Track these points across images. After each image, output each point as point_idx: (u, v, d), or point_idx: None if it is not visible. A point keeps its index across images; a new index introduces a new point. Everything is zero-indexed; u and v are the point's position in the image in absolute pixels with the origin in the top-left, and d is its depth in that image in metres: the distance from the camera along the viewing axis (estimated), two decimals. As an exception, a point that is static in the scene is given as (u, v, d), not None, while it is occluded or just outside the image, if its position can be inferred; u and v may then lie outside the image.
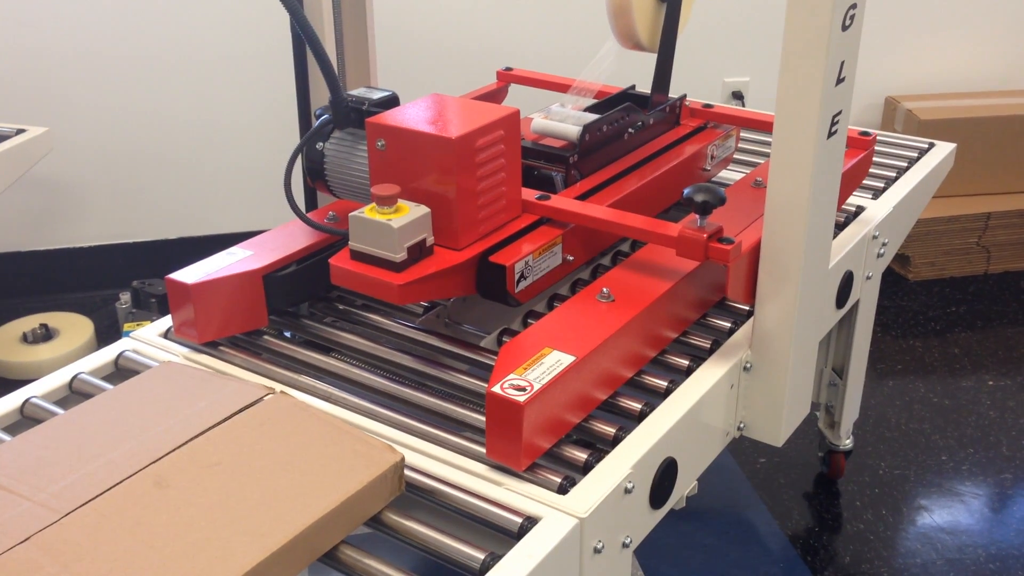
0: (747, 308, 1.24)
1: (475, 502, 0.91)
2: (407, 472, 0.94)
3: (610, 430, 1.01)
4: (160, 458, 0.90)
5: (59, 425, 0.96)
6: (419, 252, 1.08)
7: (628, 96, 1.48)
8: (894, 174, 1.61)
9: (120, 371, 1.16)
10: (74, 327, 2.31)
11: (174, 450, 0.91)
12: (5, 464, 0.90)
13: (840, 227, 1.41)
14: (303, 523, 0.82)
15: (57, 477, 0.87)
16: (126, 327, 2.24)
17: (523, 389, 0.91)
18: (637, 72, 1.62)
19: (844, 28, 0.99)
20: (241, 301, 1.16)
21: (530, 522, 0.88)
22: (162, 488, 0.86)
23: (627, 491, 0.94)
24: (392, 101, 1.22)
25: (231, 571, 0.77)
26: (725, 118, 1.52)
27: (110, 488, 0.86)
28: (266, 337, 1.20)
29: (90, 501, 0.85)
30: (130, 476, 0.87)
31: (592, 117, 1.33)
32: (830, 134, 1.05)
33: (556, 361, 0.96)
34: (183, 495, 0.85)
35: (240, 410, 0.97)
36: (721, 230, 1.09)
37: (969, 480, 1.87)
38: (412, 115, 1.13)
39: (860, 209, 1.48)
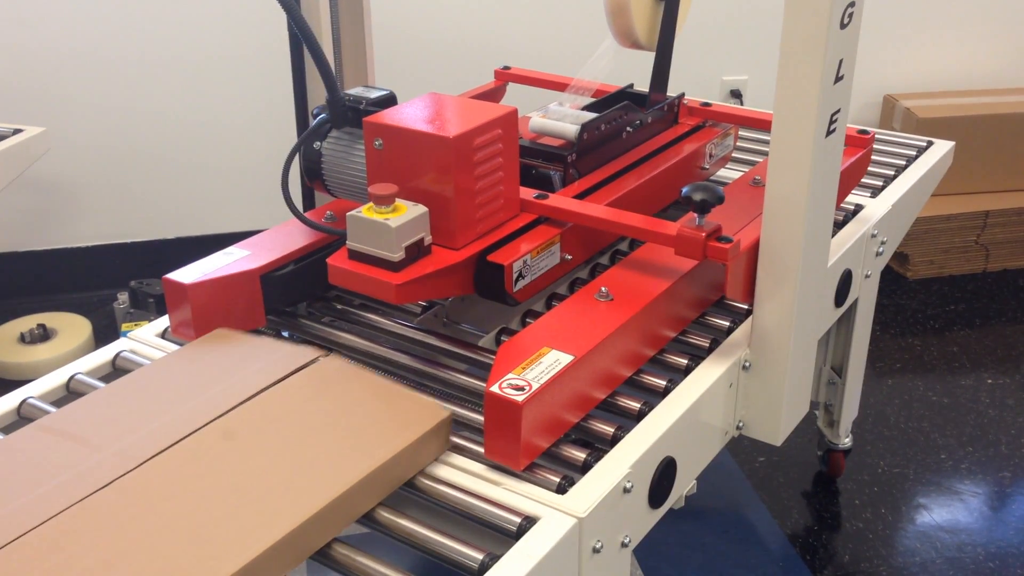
0: (746, 307, 1.23)
1: (473, 502, 0.90)
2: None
3: (609, 429, 1.00)
4: (224, 413, 0.96)
5: (122, 387, 1.02)
6: (417, 251, 1.08)
7: (626, 95, 1.48)
8: (892, 172, 1.61)
9: (118, 371, 1.16)
10: (72, 327, 2.31)
11: (237, 406, 0.97)
12: (77, 421, 0.96)
13: (839, 226, 1.41)
14: (364, 470, 0.88)
15: (129, 431, 0.93)
16: (124, 327, 2.24)
17: (521, 389, 0.91)
18: (635, 71, 1.62)
19: (843, 26, 0.99)
20: (238, 301, 1.16)
21: (529, 522, 0.88)
22: (229, 440, 0.92)
23: (626, 490, 0.94)
24: (389, 100, 1.22)
25: (301, 513, 0.82)
26: (723, 116, 1.52)
27: (181, 440, 0.92)
28: (264, 337, 1.19)
29: (164, 451, 0.91)
30: (198, 429, 0.94)
31: (590, 116, 1.33)
32: (828, 132, 1.04)
33: (555, 360, 0.96)
34: (249, 446, 0.91)
35: (295, 371, 1.03)
36: (720, 229, 1.08)
37: (968, 478, 1.87)
38: (410, 114, 1.13)
39: (859, 207, 1.47)
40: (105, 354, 1.17)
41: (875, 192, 1.54)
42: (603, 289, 1.09)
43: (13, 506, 0.84)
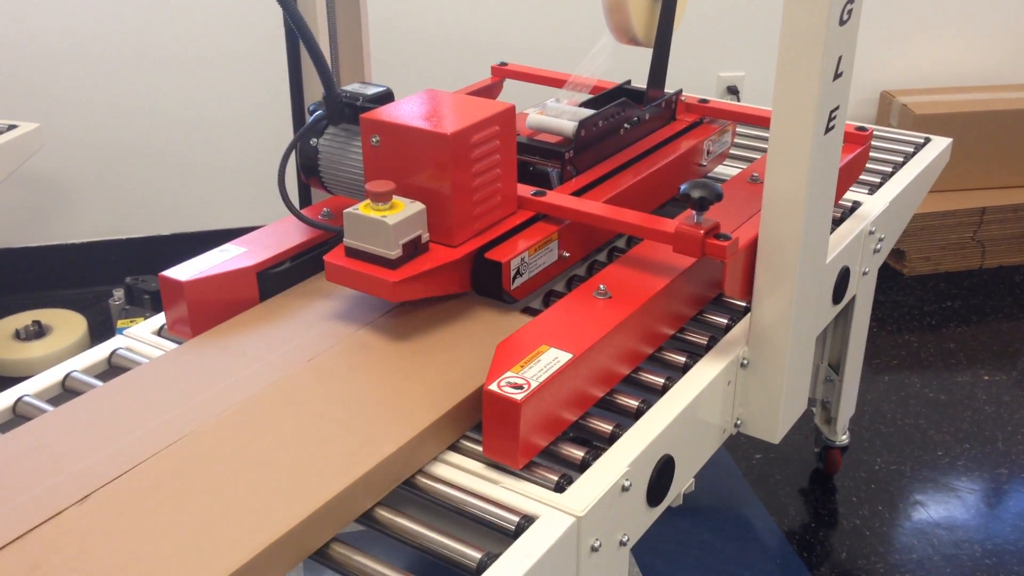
0: (744, 304, 1.23)
1: (472, 500, 0.90)
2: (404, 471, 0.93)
3: (607, 427, 1.00)
4: (316, 356, 1.05)
5: (210, 340, 1.10)
6: (414, 249, 1.08)
7: (623, 91, 1.48)
8: (890, 169, 1.61)
9: (113, 369, 1.15)
10: (67, 324, 2.30)
11: (329, 348, 1.06)
12: (180, 367, 1.05)
13: (836, 222, 1.40)
14: (450, 404, 0.97)
15: (229, 374, 1.03)
16: (119, 324, 2.23)
17: (520, 387, 0.91)
18: (632, 67, 1.61)
19: (842, 23, 0.99)
20: (235, 298, 1.15)
21: (527, 521, 0.87)
22: (324, 377, 1.02)
23: (624, 489, 0.94)
24: (386, 97, 1.21)
25: (400, 438, 0.91)
26: (721, 113, 1.52)
27: (279, 380, 1.02)
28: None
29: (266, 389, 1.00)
30: (296, 372, 1.03)
31: (588, 112, 1.32)
32: (827, 129, 1.04)
33: (553, 359, 0.96)
34: (343, 381, 1.01)
35: (371, 321, 1.12)
36: (718, 226, 1.08)
37: (965, 475, 1.87)
38: (407, 111, 1.13)
39: (856, 204, 1.47)
40: (101, 351, 1.16)
41: (873, 189, 1.53)
42: (601, 287, 1.09)
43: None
